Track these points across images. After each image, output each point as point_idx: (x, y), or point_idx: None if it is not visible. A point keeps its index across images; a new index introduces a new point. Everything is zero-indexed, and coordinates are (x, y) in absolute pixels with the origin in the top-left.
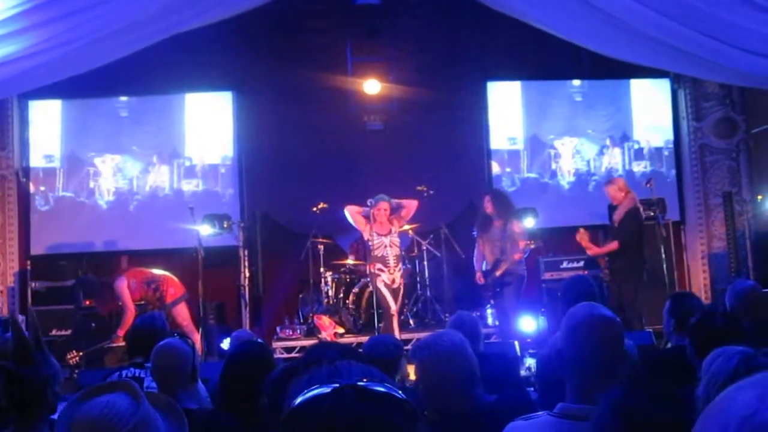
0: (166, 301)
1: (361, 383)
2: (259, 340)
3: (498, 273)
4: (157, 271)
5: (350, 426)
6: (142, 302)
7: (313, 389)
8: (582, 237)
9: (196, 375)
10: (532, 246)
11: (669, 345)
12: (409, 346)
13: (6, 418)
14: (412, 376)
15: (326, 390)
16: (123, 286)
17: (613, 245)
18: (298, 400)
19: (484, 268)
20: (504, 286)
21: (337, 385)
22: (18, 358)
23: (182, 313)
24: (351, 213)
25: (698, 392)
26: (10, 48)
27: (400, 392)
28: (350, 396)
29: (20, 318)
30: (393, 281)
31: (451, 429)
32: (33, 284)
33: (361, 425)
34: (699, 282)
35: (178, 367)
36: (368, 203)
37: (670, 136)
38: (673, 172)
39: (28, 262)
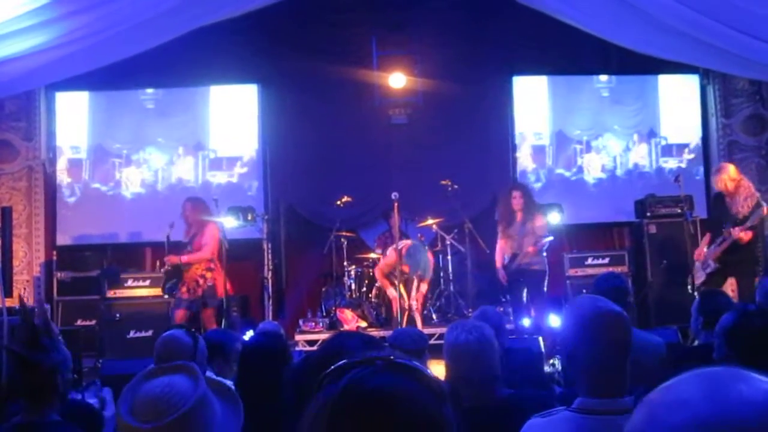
0: (218, 294)
1: (393, 357)
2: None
3: (514, 267)
4: (221, 275)
5: (368, 394)
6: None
7: (344, 361)
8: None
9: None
10: (546, 240)
11: (696, 342)
12: (432, 340)
13: (16, 405)
14: (433, 371)
15: (356, 359)
16: (217, 233)
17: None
18: (329, 369)
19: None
20: (520, 282)
21: (369, 356)
22: (27, 344)
23: (211, 317)
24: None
25: None
26: (38, 39)
27: (426, 369)
28: (380, 366)
29: (46, 307)
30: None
31: (469, 421)
32: (58, 274)
33: (379, 394)
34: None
35: (175, 359)
36: (393, 196)
37: (699, 132)
38: (701, 169)
39: (54, 253)
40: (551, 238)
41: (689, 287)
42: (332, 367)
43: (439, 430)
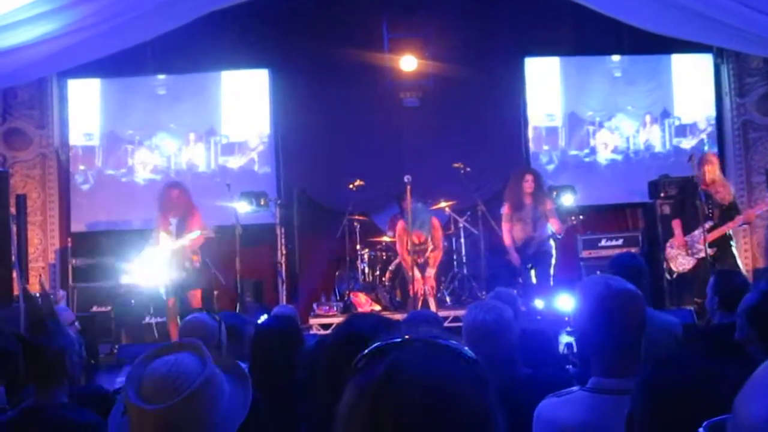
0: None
1: (431, 337)
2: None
3: (531, 251)
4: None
5: (412, 377)
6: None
7: (380, 342)
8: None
9: (222, 350)
10: (573, 222)
11: (712, 322)
12: (447, 323)
13: (25, 391)
14: None
15: (394, 340)
16: (201, 217)
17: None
18: (365, 351)
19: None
20: (536, 264)
21: (406, 337)
22: (31, 328)
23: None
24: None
25: None
26: (50, 26)
27: (469, 351)
28: (418, 348)
29: (62, 293)
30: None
31: None
32: (73, 261)
33: (424, 378)
34: (740, 260)
35: (204, 342)
36: (405, 179)
37: (713, 112)
38: (715, 149)
39: (69, 240)
40: (574, 221)
41: (667, 274)
42: (370, 348)
43: (483, 410)
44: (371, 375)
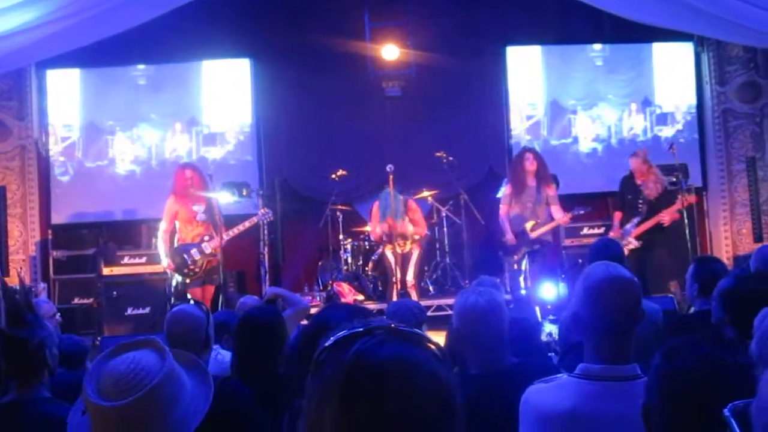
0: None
1: (393, 325)
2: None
3: (534, 236)
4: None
5: (380, 364)
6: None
7: (343, 331)
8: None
9: (210, 342)
10: (581, 213)
11: (692, 310)
12: (429, 312)
13: (6, 385)
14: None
15: (357, 330)
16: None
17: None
18: (329, 341)
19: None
20: (536, 252)
21: (369, 326)
22: (10, 320)
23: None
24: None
25: (751, 348)
26: (28, 15)
27: (429, 336)
28: (381, 335)
29: (42, 285)
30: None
31: (475, 388)
32: (54, 253)
33: (391, 363)
34: (721, 248)
35: (191, 334)
36: (388, 168)
37: (693, 100)
38: (696, 137)
39: (50, 232)
40: (582, 211)
41: None
42: (332, 339)
43: (449, 393)
44: (338, 363)
